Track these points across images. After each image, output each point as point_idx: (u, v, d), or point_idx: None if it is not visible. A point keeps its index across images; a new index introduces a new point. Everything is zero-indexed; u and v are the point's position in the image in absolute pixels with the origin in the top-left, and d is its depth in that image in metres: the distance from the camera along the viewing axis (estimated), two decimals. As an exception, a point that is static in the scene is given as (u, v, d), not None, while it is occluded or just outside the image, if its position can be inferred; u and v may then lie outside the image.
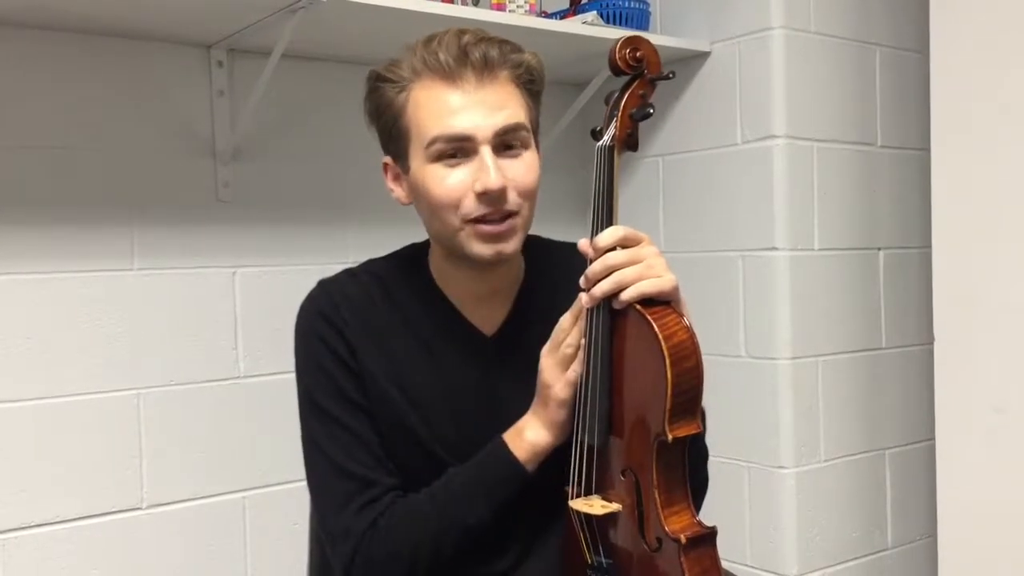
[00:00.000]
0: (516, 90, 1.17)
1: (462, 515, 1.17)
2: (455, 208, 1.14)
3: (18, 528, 1.71)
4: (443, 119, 1.13)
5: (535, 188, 1.17)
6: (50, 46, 1.75)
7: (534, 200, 1.18)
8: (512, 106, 1.15)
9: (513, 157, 1.15)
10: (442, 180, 1.14)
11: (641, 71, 1.15)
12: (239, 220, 1.95)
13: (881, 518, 2.24)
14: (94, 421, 1.79)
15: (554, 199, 2.32)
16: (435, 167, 1.14)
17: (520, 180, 1.15)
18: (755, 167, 2.09)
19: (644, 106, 1.15)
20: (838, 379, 2.15)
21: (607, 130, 1.14)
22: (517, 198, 1.15)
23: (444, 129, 1.13)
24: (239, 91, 1.93)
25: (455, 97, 1.13)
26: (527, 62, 1.18)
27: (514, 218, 1.15)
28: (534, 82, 1.19)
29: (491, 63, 1.13)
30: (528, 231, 1.20)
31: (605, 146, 1.14)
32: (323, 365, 1.22)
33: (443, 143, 1.13)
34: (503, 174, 1.13)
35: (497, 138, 1.13)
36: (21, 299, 1.73)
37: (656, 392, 1.05)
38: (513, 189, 1.14)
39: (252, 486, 1.95)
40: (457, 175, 1.14)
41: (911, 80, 2.26)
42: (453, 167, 1.14)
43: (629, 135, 1.15)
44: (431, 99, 1.14)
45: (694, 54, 2.18)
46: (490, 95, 1.13)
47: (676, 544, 1.05)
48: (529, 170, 1.16)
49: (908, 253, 2.27)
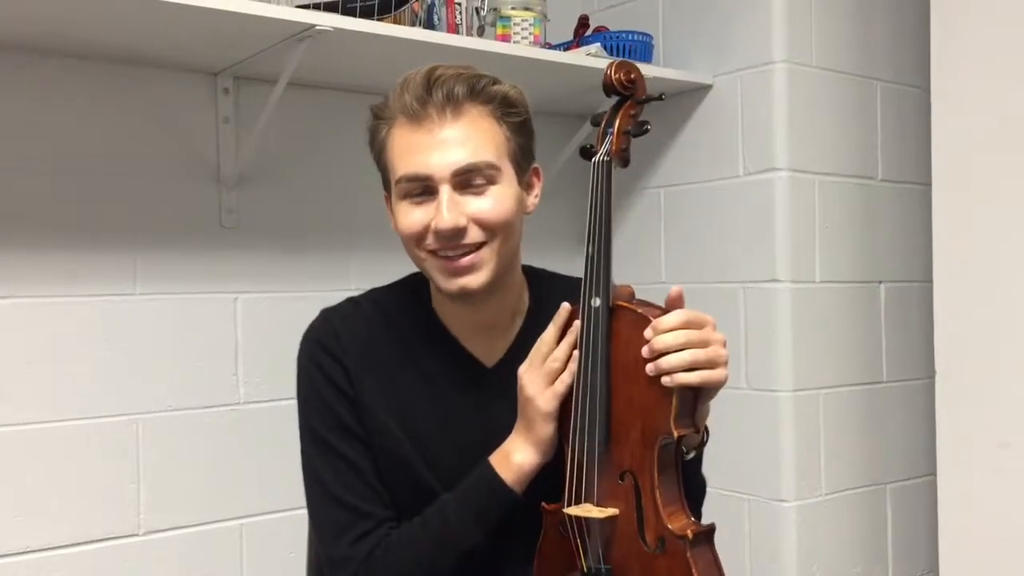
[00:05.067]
0: (491, 124, 1.17)
1: (455, 541, 1.18)
2: (418, 243, 1.18)
3: (14, 553, 1.70)
4: (406, 159, 1.16)
5: (504, 221, 1.17)
6: (57, 72, 1.76)
7: (509, 232, 1.18)
8: (476, 142, 1.15)
9: (478, 194, 1.16)
10: (407, 216, 1.18)
11: (633, 92, 1.20)
12: (242, 246, 1.96)
13: (882, 553, 2.23)
14: (92, 446, 1.78)
15: (557, 228, 2.33)
16: (404, 204, 1.18)
17: (483, 216, 1.16)
18: (757, 199, 2.10)
19: (639, 123, 1.19)
20: (839, 412, 2.14)
21: (602, 146, 1.18)
22: (480, 233, 1.16)
23: (406, 169, 1.16)
24: (245, 118, 1.94)
25: (418, 138, 1.15)
26: (502, 94, 1.18)
27: (478, 252, 1.16)
28: (514, 113, 1.20)
29: (456, 100, 1.15)
30: (505, 261, 1.20)
31: (602, 161, 1.16)
32: (322, 394, 1.23)
33: (406, 183, 1.17)
34: (462, 211, 1.15)
35: (456, 177, 1.15)
36: (22, 322, 1.73)
37: (660, 392, 1.07)
38: (475, 224, 1.15)
39: (250, 513, 1.94)
40: (421, 211, 1.17)
41: (912, 114, 2.27)
42: (418, 204, 1.17)
43: (623, 150, 1.18)
44: (399, 139, 1.17)
45: (696, 86, 2.19)
46: (454, 133, 1.15)
47: (683, 541, 1.07)
48: (496, 205, 1.16)
49: (909, 287, 2.27)
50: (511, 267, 1.24)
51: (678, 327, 1.07)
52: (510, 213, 1.18)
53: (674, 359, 1.06)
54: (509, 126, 1.19)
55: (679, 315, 1.09)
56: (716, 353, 1.09)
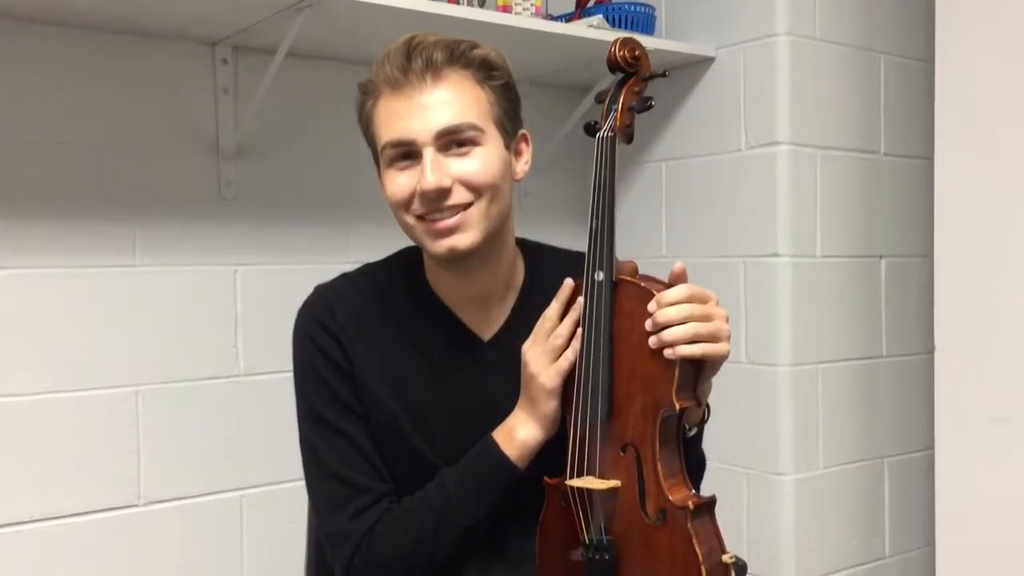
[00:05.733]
0: (473, 87, 1.18)
1: (458, 516, 1.18)
2: (406, 208, 1.18)
3: (15, 523, 1.71)
4: (390, 126, 1.17)
5: (490, 182, 1.17)
6: (53, 42, 1.75)
7: (496, 193, 1.18)
8: (458, 105, 1.16)
9: (462, 155, 1.16)
10: (393, 182, 1.18)
11: (637, 69, 1.21)
12: (241, 218, 1.95)
13: (879, 526, 2.24)
14: (93, 417, 1.79)
15: (558, 201, 2.33)
16: (389, 171, 1.19)
17: (468, 176, 1.16)
18: (758, 173, 2.09)
19: (644, 99, 1.20)
20: (838, 386, 2.15)
21: (606, 123, 1.18)
22: (466, 193, 1.16)
23: (390, 135, 1.17)
24: (243, 89, 1.93)
25: (400, 104, 1.16)
26: (482, 57, 1.19)
27: (465, 211, 1.16)
28: (495, 76, 1.20)
29: (435, 65, 1.15)
30: (494, 224, 1.19)
31: (606, 136, 1.17)
32: (319, 370, 1.23)
33: (391, 148, 1.17)
34: (446, 172, 1.15)
35: (439, 139, 1.15)
36: (22, 294, 1.73)
37: (662, 365, 1.08)
38: (460, 185, 1.16)
39: (250, 484, 1.95)
40: (405, 176, 1.17)
41: (915, 89, 2.26)
42: (403, 170, 1.18)
43: (627, 127, 1.19)
44: (382, 109, 1.18)
45: (699, 59, 2.18)
46: (434, 97, 1.15)
47: (684, 512, 1.08)
48: (483, 166, 1.16)
49: (910, 262, 2.27)
50: (502, 235, 1.24)
51: (681, 301, 1.08)
52: (495, 174, 1.18)
53: (677, 331, 1.07)
54: (492, 89, 1.19)
55: (683, 289, 1.09)
56: (718, 327, 1.09)
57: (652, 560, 1.11)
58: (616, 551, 1.13)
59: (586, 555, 1.14)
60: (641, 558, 1.11)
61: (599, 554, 1.13)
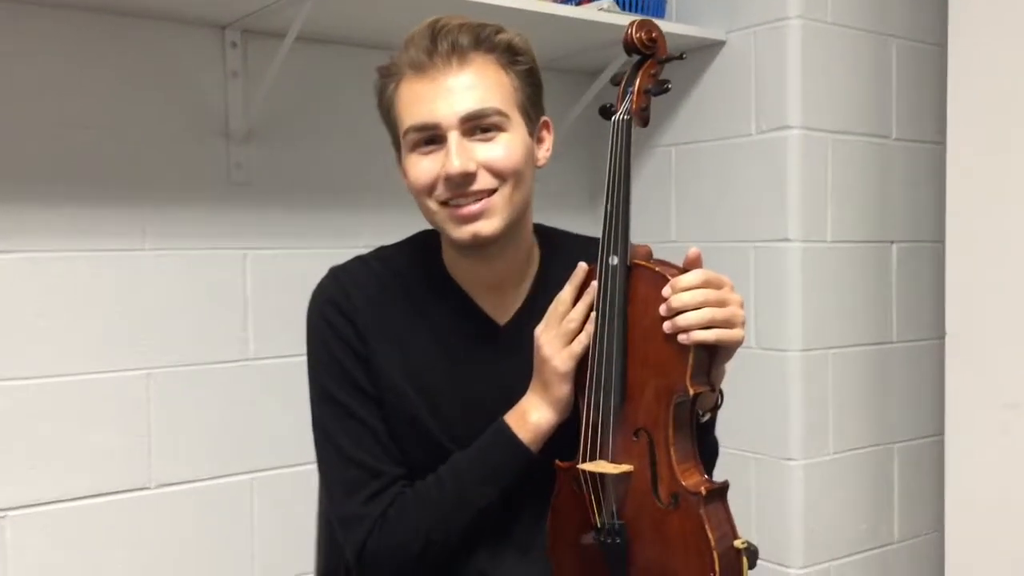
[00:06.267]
0: (498, 72, 1.17)
1: (470, 499, 1.19)
2: (429, 193, 1.17)
3: (26, 505, 1.72)
4: (413, 110, 1.16)
5: (515, 168, 1.17)
6: (63, 25, 1.74)
7: (520, 180, 1.18)
8: (483, 89, 1.15)
9: (487, 140, 1.16)
10: (416, 167, 1.17)
11: (654, 51, 1.20)
12: (251, 202, 1.95)
13: (888, 512, 2.24)
14: (104, 400, 1.79)
15: (566, 186, 2.33)
16: (412, 155, 1.18)
17: (493, 162, 1.15)
18: (769, 158, 2.08)
19: (660, 82, 1.19)
20: (848, 372, 2.14)
21: (621, 105, 1.17)
22: (491, 179, 1.16)
23: (414, 119, 1.16)
24: (253, 73, 1.92)
25: (425, 88, 1.15)
26: (507, 42, 1.18)
27: (490, 197, 1.16)
28: (520, 61, 1.19)
29: (460, 49, 1.15)
30: (517, 211, 1.19)
31: (622, 120, 1.16)
32: (333, 352, 1.23)
33: (414, 132, 1.17)
34: (471, 157, 1.14)
35: (465, 124, 1.15)
36: (33, 277, 1.73)
37: (676, 350, 1.07)
38: (485, 170, 1.15)
39: (260, 468, 1.96)
40: (429, 161, 1.16)
41: (927, 73, 2.24)
42: (426, 155, 1.17)
43: (643, 110, 1.18)
44: (406, 92, 1.17)
45: (709, 43, 2.17)
46: (459, 81, 1.15)
47: (697, 497, 1.08)
48: (507, 151, 1.16)
49: (921, 247, 2.26)
50: (522, 221, 1.23)
51: (696, 286, 1.07)
52: (520, 160, 1.17)
53: (691, 317, 1.06)
54: (516, 74, 1.19)
55: (698, 274, 1.09)
56: (733, 313, 1.09)
57: (664, 544, 1.11)
58: (628, 535, 1.13)
59: (598, 538, 1.14)
60: (653, 542, 1.12)
61: (611, 538, 1.13)
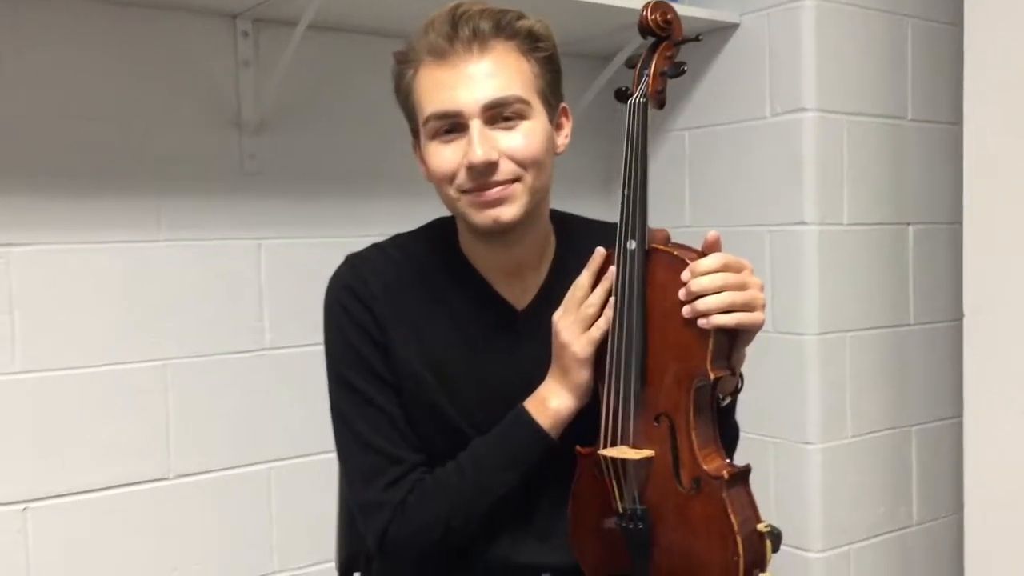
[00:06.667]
0: (519, 59, 1.16)
1: (491, 486, 1.18)
2: (450, 182, 1.16)
3: (45, 497, 1.73)
4: (434, 97, 1.15)
5: (537, 156, 1.16)
6: (73, 16, 1.74)
7: (541, 167, 1.17)
8: (505, 77, 1.14)
9: (509, 128, 1.15)
10: (438, 155, 1.16)
11: (669, 33, 1.19)
12: (264, 192, 1.95)
13: (907, 495, 2.23)
14: (121, 391, 1.80)
15: (579, 171, 2.31)
16: (433, 144, 1.17)
17: (515, 150, 1.15)
18: (784, 141, 2.07)
19: (676, 64, 1.18)
20: (865, 355, 2.13)
21: (637, 88, 1.17)
22: (514, 167, 1.15)
23: (435, 107, 1.15)
24: (265, 62, 1.92)
25: (445, 75, 1.14)
26: (528, 28, 1.17)
27: (510, 185, 1.15)
28: (541, 48, 1.18)
29: (481, 35, 1.14)
30: (537, 198, 1.19)
31: (638, 102, 1.15)
32: (351, 340, 1.22)
33: (435, 120, 1.15)
34: (494, 146, 1.13)
35: (487, 111, 1.14)
36: (48, 270, 1.73)
37: (696, 334, 1.07)
38: (508, 159, 1.14)
39: (278, 457, 1.96)
40: (450, 150, 1.15)
41: (943, 53, 2.22)
42: (448, 143, 1.16)
43: (660, 92, 1.17)
44: (426, 78, 1.16)
45: (723, 25, 2.15)
46: (481, 68, 1.14)
47: (719, 481, 1.08)
48: (528, 139, 1.15)
49: (937, 228, 2.25)
50: (541, 207, 1.23)
51: (716, 270, 1.07)
52: (541, 149, 1.17)
53: (711, 300, 1.06)
54: (536, 61, 1.18)
55: (717, 258, 1.08)
56: (753, 296, 1.08)
57: (687, 529, 1.10)
58: (650, 520, 1.12)
59: (620, 524, 1.14)
60: (675, 527, 1.11)
61: (633, 523, 1.13)
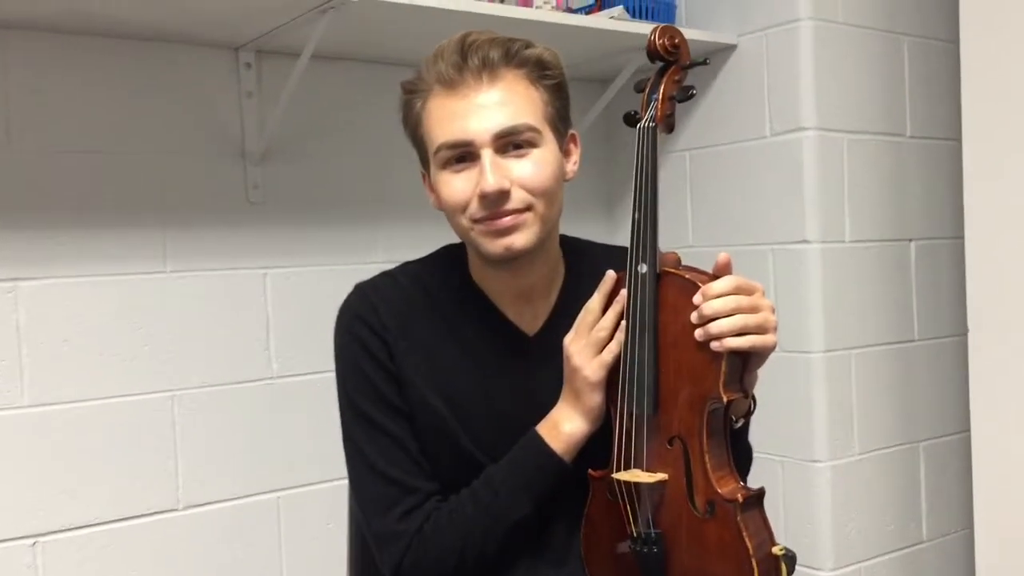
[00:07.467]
0: (528, 87, 1.17)
1: (506, 512, 1.18)
2: (462, 211, 1.17)
3: (55, 531, 1.72)
4: (445, 127, 1.15)
5: (548, 185, 1.17)
6: (79, 50, 1.76)
7: (551, 196, 1.18)
8: (515, 106, 1.15)
9: (520, 157, 1.16)
10: (449, 185, 1.17)
11: (677, 57, 1.20)
12: (269, 221, 1.95)
13: (916, 511, 2.23)
14: (129, 423, 1.80)
15: (580, 194, 2.32)
16: (444, 173, 1.18)
17: (527, 179, 1.15)
18: (784, 159, 2.08)
19: (684, 88, 1.19)
20: (871, 372, 2.14)
21: (646, 113, 1.17)
22: (526, 196, 1.15)
23: (446, 137, 1.15)
24: (268, 93, 1.93)
25: (456, 104, 1.15)
26: (537, 56, 1.18)
27: (523, 214, 1.16)
28: (549, 75, 1.19)
29: (491, 64, 1.14)
30: (548, 225, 1.19)
31: (648, 127, 1.16)
32: (362, 368, 1.23)
33: (447, 150, 1.16)
34: (506, 175, 1.14)
35: (498, 140, 1.14)
36: (56, 302, 1.74)
37: (709, 357, 1.07)
38: (519, 187, 1.15)
39: (287, 486, 1.96)
40: (462, 179, 1.16)
41: (940, 70, 2.24)
42: (459, 172, 1.16)
43: (669, 116, 1.19)
44: (436, 108, 1.17)
45: (721, 47, 2.17)
46: (491, 97, 1.14)
47: (734, 505, 1.08)
48: (539, 167, 1.16)
49: (940, 244, 2.26)
50: (552, 233, 1.24)
51: (728, 293, 1.07)
52: (552, 177, 1.17)
53: (724, 324, 1.06)
54: (546, 89, 1.19)
55: (729, 281, 1.08)
56: (766, 319, 1.09)
57: (701, 553, 1.10)
58: (664, 544, 1.12)
59: (634, 548, 1.14)
60: (690, 551, 1.11)
61: (648, 547, 1.13)
